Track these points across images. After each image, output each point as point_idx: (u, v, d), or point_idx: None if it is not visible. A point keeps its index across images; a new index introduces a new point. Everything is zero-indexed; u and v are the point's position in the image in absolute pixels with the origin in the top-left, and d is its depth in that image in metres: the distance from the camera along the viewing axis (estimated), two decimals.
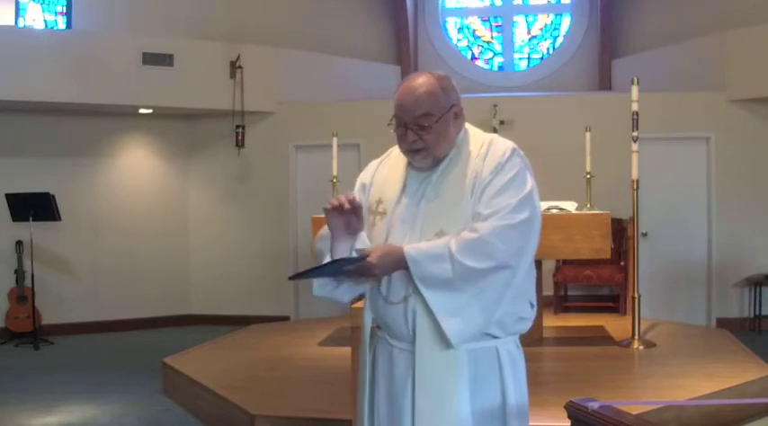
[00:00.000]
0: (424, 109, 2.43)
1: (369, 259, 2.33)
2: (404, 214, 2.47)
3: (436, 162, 2.47)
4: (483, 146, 2.47)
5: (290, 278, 2.46)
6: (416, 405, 2.37)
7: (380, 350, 2.53)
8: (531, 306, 2.49)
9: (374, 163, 2.71)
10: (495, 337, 2.43)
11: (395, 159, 2.64)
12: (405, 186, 2.52)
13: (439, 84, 2.49)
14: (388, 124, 2.56)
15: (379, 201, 2.54)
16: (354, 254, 2.42)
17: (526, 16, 11.02)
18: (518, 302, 2.43)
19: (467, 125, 2.56)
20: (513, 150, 2.47)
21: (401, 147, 2.53)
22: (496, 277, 2.31)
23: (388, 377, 2.48)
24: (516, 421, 2.48)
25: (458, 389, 2.36)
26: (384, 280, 2.43)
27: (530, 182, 2.43)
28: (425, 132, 2.43)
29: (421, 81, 2.48)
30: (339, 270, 2.39)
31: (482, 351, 2.41)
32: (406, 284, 2.38)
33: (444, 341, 2.33)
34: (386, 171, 2.63)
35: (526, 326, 2.51)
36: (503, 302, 2.36)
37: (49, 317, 8.90)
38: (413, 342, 2.39)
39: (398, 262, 2.34)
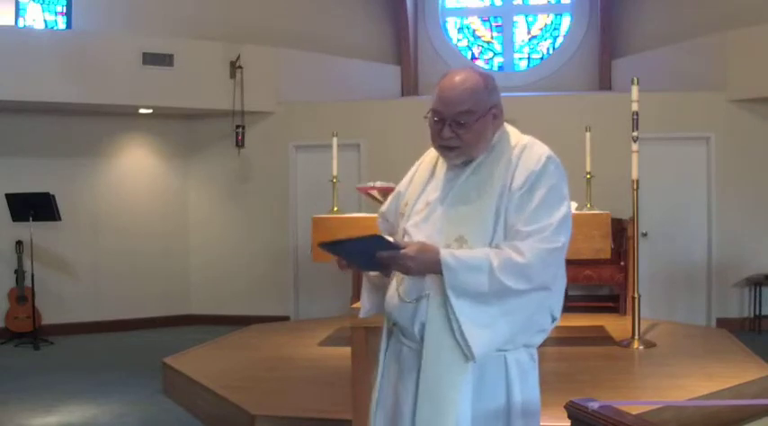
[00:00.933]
0: (467, 105, 2.35)
1: (405, 250, 2.27)
2: (426, 214, 2.43)
3: (468, 161, 2.41)
4: (516, 149, 2.40)
5: (321, 245, 2.32)
6: (418, 408, 2.35)
7: (392, 347, 2.54)
8: (553, 319, 2.46)
9: (412, 168, 2.68)
10: (503, 350, 2.37)
11: (428, 161, 2.62)
12: (431, 184, 2.49)
13: (484, 81, 2.39)
14: (425, 117, 2.48)
15: (406, 204, 2.53)
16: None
17: (526, 16, 11.02)
18: (541, 315, 2.41)
19: (505, 125, 2.48)
20: (549, 158, 2.38)
21: (434, 143, 2.46)
22: (531, 297, 2.30)
23: (396, 373, 2.49)
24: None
25: (460, 396, 2.31)
26: (401, 277, 2.40)
27: (566, 198, 2.38)
28: (463, 130, 2.36)
29: (465, 76, 2.38)
30: (372, 254, 2.29)
31: (489, 360, 2.34)
32: (422, 285, 2.35)
33: (454, 348, 2.29)
34: (419, 174, 2.61)
35: (542, 338, 2.46)
36: (534, 319, 2.36)
37: (49, 317, 8.90)
38: (420, 342, 2.37)
39: (433, 264, 2.27)
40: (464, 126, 2.35)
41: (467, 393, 2.32)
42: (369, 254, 2.30)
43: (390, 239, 2.39)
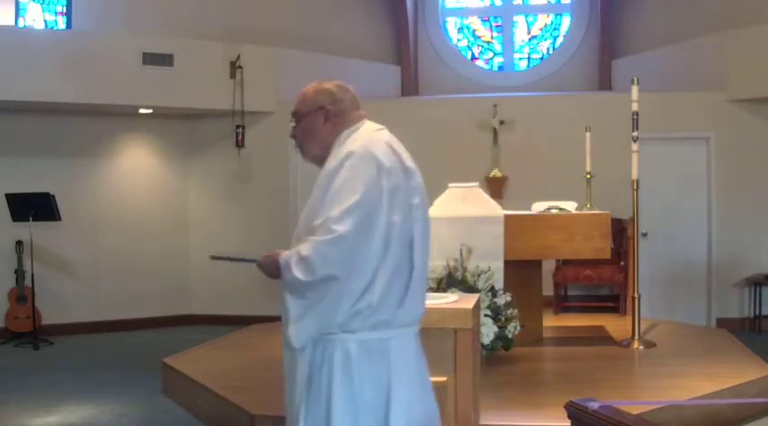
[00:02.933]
0: (294, 108, 2.73)
1: (260, 260, 2.61)
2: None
3: (320, 161, 2.66)
4: (344, 149, 2.60)
5: (213, 257, 2.81)
6: (287, 385, 2.64)
7: None
8: (369, 304, 2.50)
9: None
10: (331, 334, 2.52)
11: None
12: None
13: (315, 86, 2.73)
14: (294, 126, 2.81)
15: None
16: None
17: (526, 16, 11.02)
18: (349, 300, 2.50)
19: (361, 126, 2.70)
20: (349, 153, 2.52)
21: None
22: (324, 287, 2.44)
23: None
24: (342, 420, 2.48)
25: (297, 379, 2.57)
26: None
27: (361, 189, 2.45)
28: (295, 129, 2.73)
29: (307, 86, 2.76)
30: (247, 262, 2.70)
31: (317, 345, 2.53)
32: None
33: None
34: None
35: (362, 322, 2.50)
36: (341, 306, 2.47)
37: (48, 317, 8.90)
38: None
39: (276, 266, 2.54)
40: (294, 125, 2.73)
41: (302, 375, 2.55)
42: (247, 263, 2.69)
43: (253, 258, 2.68)
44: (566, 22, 10.87)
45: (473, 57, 11.04)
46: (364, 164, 2.51)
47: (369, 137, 2.63)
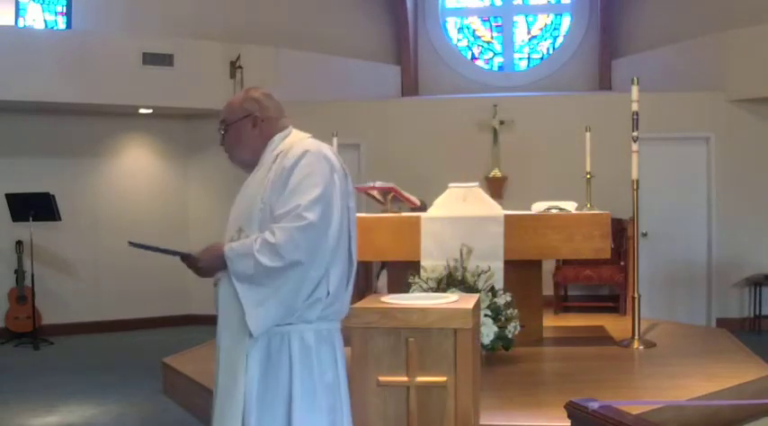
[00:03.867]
0: (221, 116, 2.84)
1: (193, 252, 2.68)
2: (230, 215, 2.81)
3: (248, 165, 2.82)
4: (283, 150, 2.72)
5: (131, 243, 2.87)
6: (218, 382, 2.66)
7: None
8: (328, 293, 2.65)
9: None
10: (289, 324, 2.61)
11: None
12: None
13: (243, 95, 2.85)
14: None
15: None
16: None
17: (526, 16, 11.02)
18: (308, 289, 2.62)
19: (292, 132, 2.84)
20: (305, 152, 2.67)
21: None
22: (289, 274, 2.55)
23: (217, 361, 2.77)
24: (302, 407, 2.58)
25: (247, 370, 2.59)
26: None
27: (321, 184, 2.62)
28: (223, 136, 2.83)
29: (235, 95, 2.90)
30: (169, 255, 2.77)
31: (273, 337, 2.61)
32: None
33: (240, 326, 2.58)
34: None
35: (319, 311, 2.65)
36: (301, 294, 2.59)
37: (48, 317, 8.90)
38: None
39: (220, 259, 2.62)
40: (222, 135, 2.84)
41: (254, 368, 2.59)
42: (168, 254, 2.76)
43: (176, 250, 2.76)
44: (566, 22, 10.88)
45: (473, 57, 11.04)
46: (319, 162, 2.66)
47: (310, 141, 2.78)
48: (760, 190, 8.84)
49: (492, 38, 11.05)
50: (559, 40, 10.87)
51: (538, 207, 6.46)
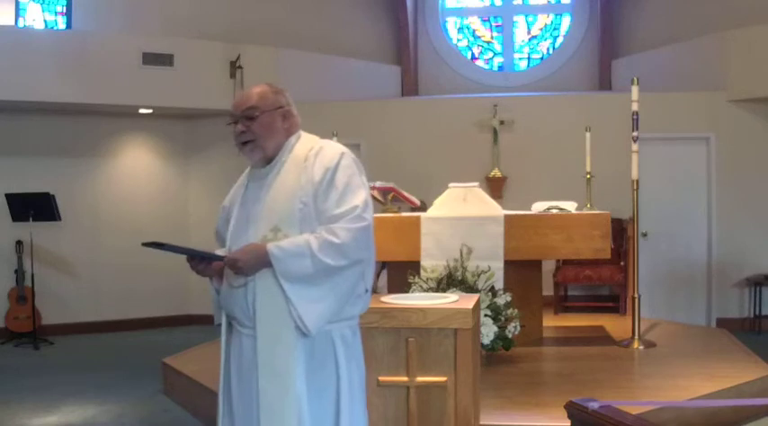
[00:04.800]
0: (252, 102, 2.73)
1: (232, 254, 2.61)
2: (243, 212, 2.75)
3: (267, 160, 2.75)
4: (313, 150, 2.72)
5: (155, 245, 2.59)
6: (260, 385, 2.57)
7: (233, 339, 2.74)
8: (366, 290, 2.73)
9: (234, 186, 2.96)
10: (329, 322, 2.63)
11: (243, 175, 2.93)
12: (244, 190, 2.81)
13: (271, 87, 2.81)
14: (227, 124, 2.79)
15: (228, 213, 2.84)
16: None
17: (526, 16, 11.02)
18: (359, 286, 2.69)
19: (302, 132, 2.84)
20: (342, 153, 2.71)
21: (235, 143, 2.78)
22: (350, 271, 2.61)
23: (238, 363, 2.68)
24: (349, 400, 2.65)
25: (296, 369, 2.56)
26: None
27: (365, 185, 2.71)
28: (251, 122, 2.71)
29: (255, 86, 2.81)
30: (200, 260, 2.67)
31: (317, 336, 2.60)
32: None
33: (285, 326, 2.56)
34: (236, 187, 2.92)
35: (360, 308, 2.74)
36: (353, 292, 2.65)
37: (48, 317, 8.90)
38: (252, 326, 2.62)
39: (262, 259, 2.56)
40: (252, 119, 2.71)
41: (300, 369, 2.57)
42: (194, 256, 2.66)
43: (206, 251, 2.69)
44: (566, 22, 10.87)
45: (473, 57, 11.04)
46: (356, 164, 2.72)
47: (334, 143, 2.81)
48: (760, 190, 8.83)
49: (492, 38, 11.05)
50: (559, 40, 10.87)
51: (538, 207, 6.46)
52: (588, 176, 7.07)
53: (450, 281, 5.46)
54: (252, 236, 2.64)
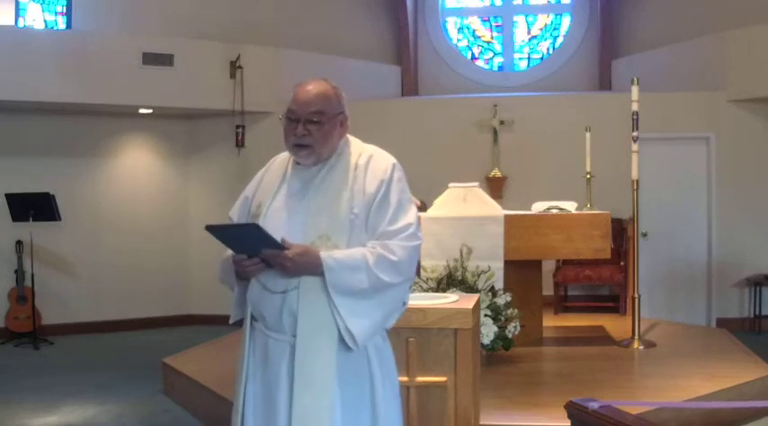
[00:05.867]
0: (319, 106, 2.61)
1: (288, 252, 2.48)
2: (283, 207, 2.64)
3: (317, 163, 2.65)
4: (363, 157, 2.68)
5: (207, 227, 2.64)
6: (295, 394, 2.51)
7: (257, 341, 2.67)
8: (404, 304, 2.68)
9: (258, 175, 2.90)
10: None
11: (277, 165, 2.82)
12: (285, 185, 2.70)
13: (334, 90, 2.70)
14: (280, 118, 2.70)
15: (259, 205, 2.73)
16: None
17: (526, 16, 11.02)
18: (402, 302, 2.68)
19: (348, 136, 2.75)
20: (394, 166, 2.68)
21: (288, 142, 2.66)
22: (401, 288, 2.59)
23: (263, 367, 2.63)
24: (384, 409, 2.61)
25: (333, 381, 2.52)
26: (268, 269, 2.56)
27: (412, 201, 2.69)
28: (315, 127, 2.60)
29: (318, 84, 2.68)
30: (253, 245, 2.49)
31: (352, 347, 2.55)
32: (288, 278, 2.53)
33: (326, 337, 2.51)
34: (268, 178, 2.82)
35: (395, 321, 2.69)
36: (398, 307, 2.63)
37: (48, 317, 8.90)
38: (287, 333, 2.55)
39: (314, 265, 2.49)
40: (316, 124, 2.60)
41: (335, 379, 2.52)
42: (250, 244, 2.51)
43: (267, 232, 2.51)
44: (566, 22, 10.87)
45: (473, 57, 11.04)
46: (405, 177, 2.70)
47: (382, 151, 2.77)
48: (760, 190, 8.83)
49: (492, 38, 11.05)
50: (559, 40, 10.87)
51: (538, 207, 6.46)
52: (588, 176, 7.07)
53: (451, 281, 5.46)
54: (299, 240, 2.54)
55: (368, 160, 2.66)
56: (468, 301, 3.50)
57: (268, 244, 2.47)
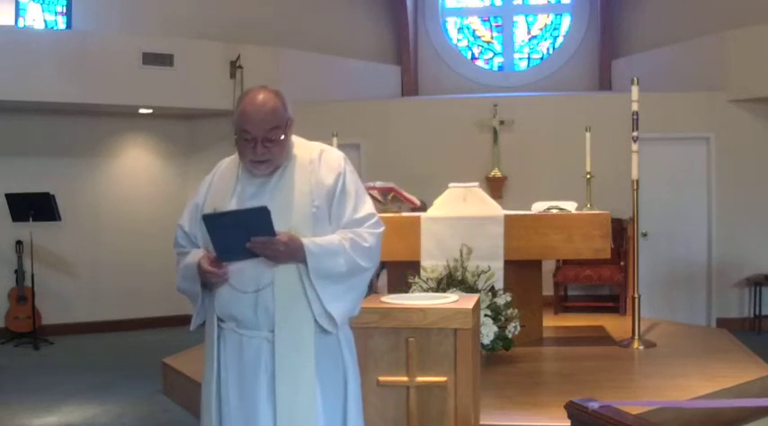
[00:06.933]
0: (274, 123, 2.65)
1: (279, 237, 2.54)
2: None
3: (268, 173, 2.72)
4: (314, 152, 2.76)
5: (204, 216, 2.70)
6: (278, 388, 2.59)
7: (227, 341, 2.76)
8: (365, 293, 2.84)
9: (205, 181, 2.95)
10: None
11: (224, 170, 2.89)
12: (238, 187, 2.75)
13: (279, 99, 2.72)
14: (235, 136, 2.72)
15: (215, 209, 2.77)
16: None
17: (526, 16, 11.02)
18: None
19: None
20: (345, 157, 2.80)
21: (245, 158, 2.71)
22: (369, 273, 2.74)
23: (237, 365, 2.70)
24: (354, 391, 2.74)
25: (313, 372, 2.62)
26: (235, 271, 2.64)
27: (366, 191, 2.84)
28: (273, 144, 2.65)
29: (266, 96, 2.69)
30: (246, 235, 2.51)
31: (327, 338, 2.67)
32: (260, 277, 2.60)
33: (304, 329, 2.60)
34: (218, 182, 2.88)
35: (359, 310, 2.82)
36: (364, 293, 2.78)
37: (48, 317, 8.90)
38: (263, 329, 2.63)
39: (298, 252, 2.58)
40: (273, 141, 2.66)
41: (312, 367, 2.62)
42: (243, 234, 2.52)
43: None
44: (566, 22, 10.88)
45: (473, 57, 11.04)
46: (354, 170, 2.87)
47: (326, 146, 2.88)
48: (760, 190, 8.83)
49: (492, 38, 11.05)
50: (559, 40, 10.87)
51: (538, 207, 6.46)
52: (588, 176, 7.07)
53: (450, 281, 5.46)
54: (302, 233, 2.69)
55: (320, 154, 2.76)
56: (468, 301, 3.50)
57: (264, 230, 2.51)
